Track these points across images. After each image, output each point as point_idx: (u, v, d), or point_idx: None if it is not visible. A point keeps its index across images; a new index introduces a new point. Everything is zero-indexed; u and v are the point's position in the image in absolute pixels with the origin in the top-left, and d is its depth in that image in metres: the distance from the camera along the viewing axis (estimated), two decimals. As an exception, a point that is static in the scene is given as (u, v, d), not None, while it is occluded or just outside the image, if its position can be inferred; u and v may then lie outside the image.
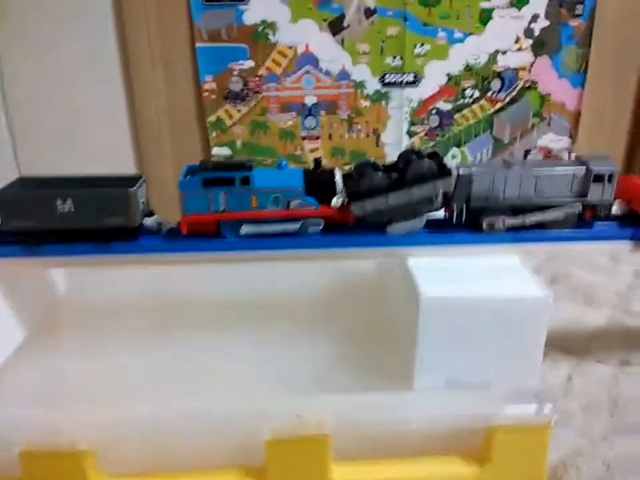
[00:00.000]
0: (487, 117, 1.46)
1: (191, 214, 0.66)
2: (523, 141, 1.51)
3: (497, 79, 1.43)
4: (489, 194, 0.68)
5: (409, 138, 1.42)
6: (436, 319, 0.54)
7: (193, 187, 0.65)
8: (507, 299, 0.54)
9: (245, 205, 0.66)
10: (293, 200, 0.66)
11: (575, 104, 1.50)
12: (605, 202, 0.71)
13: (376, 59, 1.33)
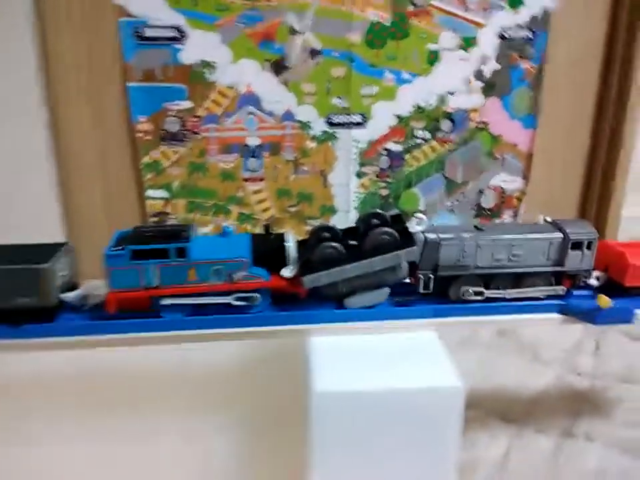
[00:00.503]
0: (438, 157, 1.42)
1: (119, 290, 0.59)
2: (476, 182, 1.48)
3: (447, 119, 1.40)
4: (459, 262, 0.63)
5: (358, 179, 1.38)
6: (330, 417, 0.47)
7: (121, 260, 0.58)
8: (411, 391, 0.48)
9: (181, 278, 0.59)
10: (237, 272, 0.60)
11: (527, 145, 1.48)
12: (584, 271, 0.67)
13: (322, 99, 1.29)
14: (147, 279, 0.59)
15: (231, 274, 0.60)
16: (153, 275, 0.59)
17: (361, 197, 1.40)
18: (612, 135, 1.51)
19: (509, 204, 1.54)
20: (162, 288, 0.60)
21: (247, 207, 1.33)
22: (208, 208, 1.31)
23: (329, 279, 0.60)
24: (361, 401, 0.47)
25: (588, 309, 0.60)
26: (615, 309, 0.60)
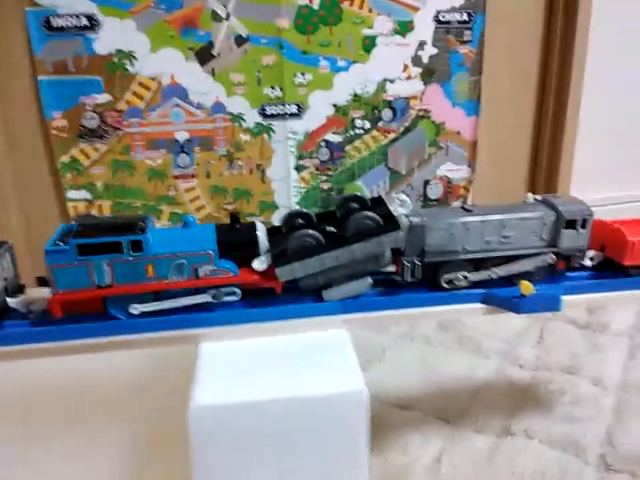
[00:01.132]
0: (380, 148, 1.37)
1: (66, 291, 0.51)
2: (421, 172, 1.43)
3: (387, 108, 1.35)
4: (447, 246, 0.57)
5: (297, 173, 1.32)
6: (211, 434, 0.40)
7: (66, 257, 0.50)
8: (306, 399, 0.42)
9: (138, 275, 0.52)
10: (202, 266, 0.53)
11: (471, 132, 1.44)
12: (579, 250, 0.62)
13: (253, 89, 1.22)
14: (98, 277, 0.52)
15: (196, 269, 0.53)
16: (105, 272, 0.52)
17: (302, 192, 1.34)
18: (555, 117, 1.49)
19: (456, 193, 1.50)
20: (116, 287, 0.52)
21: (179, 206, 1.26)
22: (136, 209, 1.22)
23: (305, 270, 0.53)
24: (246, 414, 0.40)
25: (511, 297, 0.55)
26: (539, 295, 0.55)
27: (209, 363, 0.46)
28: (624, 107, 1.53)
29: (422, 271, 0.57)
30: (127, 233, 0.51)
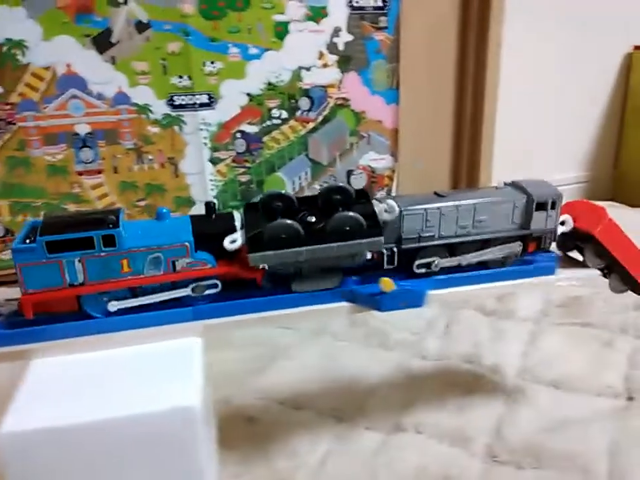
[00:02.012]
0: (299, 138, 1.34)
1: (37, 291, 0.49)
2: (343, 162, 1.41)
3: (304, 97, 1.31)
4: (423, 232, 0.57)
5: (212, 166, 1.27)
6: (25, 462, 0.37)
7: (34, 254, 0.48)
8: (127, 418, 0.38)
9: (112, 272, 0.50)
10: (179, 259, 0.51)
11: (392, 121, 1.43)
12: (549, 231, 0.63)
13: (159, 79, 1.17)
14: (70, 275, 0.50)
15: (173, 262, 0.51)
16: (77, 269, 0.50)
17: (220, 185, 1.30)
18: (475, 103, 1.49)
19: (380, 183, 1.49)
20: (89, 284, 0.50)
21: (86, 204, 1.19)
22: (38, 208, 1.15)
23: (279, 259, 0.51)
24: (61, 439, 0.36)
25: (371, 295, 0.54)
26: (402, 292, 0.54)
27: (34, 382, 0.42)
28: (542, 90, 1.55)
29: (399, 257, 0.57)
30: (98, 228, 0.50)
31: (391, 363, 0.83)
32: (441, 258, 0.58)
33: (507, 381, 0.79)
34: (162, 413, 0.39)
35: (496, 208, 0.60)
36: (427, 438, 0.67)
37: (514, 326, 0.93)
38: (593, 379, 0.78)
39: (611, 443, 0.66)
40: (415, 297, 0.55)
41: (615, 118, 1.65)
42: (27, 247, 0.49)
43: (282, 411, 0.72)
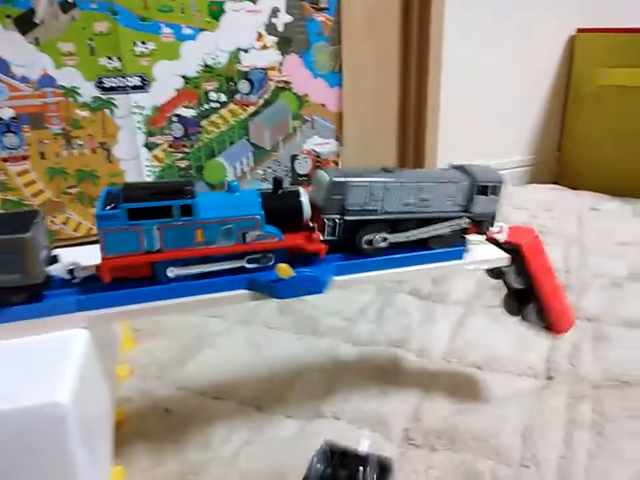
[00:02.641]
0: (240, 122, 1.31)
1: (115, 256, 0.50)
2: (287, 147, 1.39)
3: (243, 80, 1.28)
4: (367, 205, 0.57)
5: (148, 151, 1.23)
6: None
7: (116, 221, 0.50)
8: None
9: (187, 240, 0.52)
10: (250, 231, 0.53)
11: (336, 104, 1.41)
12: (489, 216, 0.64)
13: (86, 60, 1.12)
14: (148, 241, 0.51)
15: (244, 234, 0.53)
16: (155, 237, 0.51)
17: (157, 171, 1.26)
18: (419, 84, 1.48)
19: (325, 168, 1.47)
20: (165, 251, 0.52)
21: (13, 192, 1.14)
22: (-32, 197, 1.10)
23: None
24: None
25: (269, 281, 0.52)
26: (300, 278, 0.53)
27: None
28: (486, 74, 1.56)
29: (342, 229, 0.57)
30: (176, 197, 0.51)
31: (319, 349, 0.82)
32: (386, 234, 0.58)
33: (432, 364, 0.79)
34: (29, 409, 0.37)
35: (440, 188, 0.61)
36: (345, 424, 0.66)
37: (446, 309, 0.93)
38: (516, 360, 0.79)
39: (526, 422, 0.67)
40: (313, 283, 0.53)
41: (558, 101, 1.67)
42: (109, 214, 0.50)
43: (201, 401, 0.71)
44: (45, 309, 0.48)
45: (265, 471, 0.59)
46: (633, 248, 1.14)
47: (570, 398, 0.71)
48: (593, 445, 0.64)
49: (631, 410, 0.69)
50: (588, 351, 0.81)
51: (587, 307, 0.93)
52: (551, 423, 0.67)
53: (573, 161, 1.66)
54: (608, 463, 0.62)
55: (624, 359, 0.79)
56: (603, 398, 0.71)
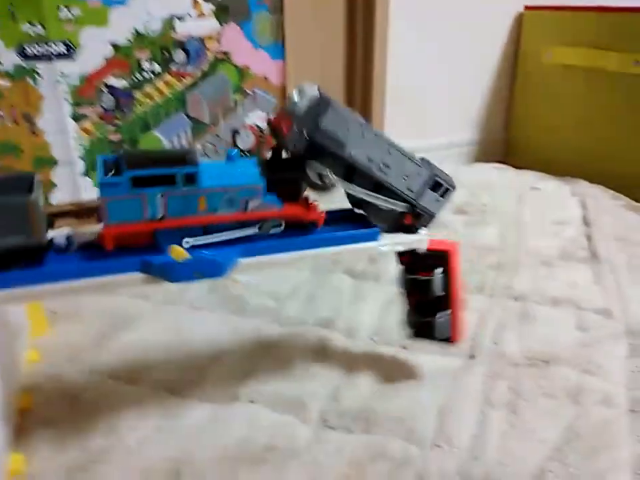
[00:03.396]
0: (176, 94, 1.25)
1: (117, 223, 0.50)
2: (227, 121, 1.34)
3: (179, 49, 1.22)
4: (339, 136, 0.55)
5: (76, 123, 1.17)
6: None
7: (119, 188, 0.49)
8: None
9: (190, 209, 0.52)
10: (251, 200, 0.54)
11: (279, 77, 1.37)
12: (428, 215, 0.64)
13: (6, 26, 1.04)
14: (151, 209, 0.51)
15: (246, 202, 0.54)
16: (158, 205, 0.51)
17: (86, 145, 1.20)
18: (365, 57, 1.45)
19: (269, 143, 1.43)
20: (168, 219, 0.52)
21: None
22: None
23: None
24: None
25: (163, 264, 0.50)
26: (196, 261, 0.50)
27: None
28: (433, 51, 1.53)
29: (304, 148, 0.54)
30: (180, 165, 0.51)
31: (244, 330, 0.80)
32: (335, 175, 0.57)
33: (359, 344, 0.78)
34: None
35: (404, 162, 0.61)
36: (261, 407, 0.65)
37: (379, 288, 0.92)
38: (441, 339, 0.79)
39: (443, 402, 0.67)
40: (211, 266, 0.51)
41: (506, 79, 1.66)
42: (112, 181, 0.49)
43: (113, 387, 0.68)
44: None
45: (170, 458, 0.57)
46: (567, 227, 1.16)
47: (488, 377, 0.71)
48: (506, 424, 0.64)
49: (547, 389, 0.70)
50: (512, 330, 0.82)
51: (516, 286, 0.93)
52: (467, 403, 0.67)
53: (519, 139, 1.67)
54: (519, 442, 0.62)
55: (546, 338, 0.80)
56: (520, 377, 0.71)
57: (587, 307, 0.87)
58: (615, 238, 1.11)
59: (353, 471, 0.56)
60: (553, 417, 0.66)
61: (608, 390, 0.70)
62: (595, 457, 0.60)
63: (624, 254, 1.04)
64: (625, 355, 0.76)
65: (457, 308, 0.67)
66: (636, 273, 0.98)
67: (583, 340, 0.80)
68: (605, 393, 0.69)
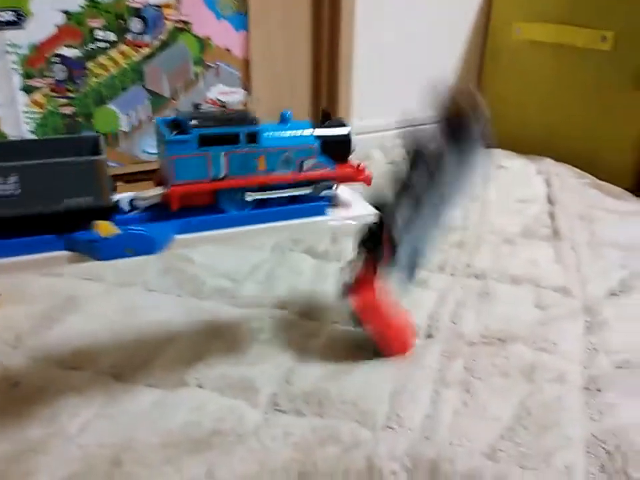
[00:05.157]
0: (133, 65, 1.20)
1: (184, 182, 0.51)
2: (188, 94, 1.29)
3: (135, 17, 1.17)
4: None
5: (26, 94, 1.11)
6: None
7: (187, 147, 0.50)
8: None
9: (250, 168, 0.53)
10: (306, 160, 0.56)
11: (242, 49, 1.32)
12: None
13: (-57, -12, 0.97)
14: (215, 168, 0.52)
15: (302, 162, 0.56)
16: (221, 164, 0.52)
17: (37, 118, 1.14)
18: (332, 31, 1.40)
19: (233, 118, 1.39)
20: (229, 179, 0.53)
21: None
22: None
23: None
24: None
25: (89, 241, 0.47)
26: (126, 237, 0.48)
27: None
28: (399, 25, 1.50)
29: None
30: (242, 124, 0.51)
31: (199, 312, 0.78)
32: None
33: (315, 325, 0.76)
34: None
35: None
36: (209, 392, 0.63)
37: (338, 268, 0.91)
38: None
39: (397, 383, 0.66)
40: (143, 242, 0.48)
41: (476, 56, 1.64)
42: (181, 139, 0.49)
43: (56, 372, 0.65)
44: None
45: (111, 445, 0.55)
46: (531, 205, 1.15)
47: (444, 356, 0.71)
48: (459, 404, 0.64)
49: (502, 367, 0.69)
50: (471, 309, 0.81)
51: (477, 264, 0.93)
52: (421, 383, 0.66)
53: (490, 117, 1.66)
54: (472, 421, 0.62)
55: (504, 316, 0.79)
56: (476, 356, 0.71)
57: (546, 285, 0.87)
58: (578, 216, 1.11)
59: (301, 455, 0.55)
60: (506, 395, 0.65)
61: (562, 368, 0.70)
62: (545, 435, 0.60)
63: (586, 232, 1.05)
64: (581, 332, 0.77)
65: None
66: (596, 250, 0.98)
67: (541, 318, 0.79)
68: (559, 370, 0.69)
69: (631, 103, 1.29)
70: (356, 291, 0.64)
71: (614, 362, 0.71)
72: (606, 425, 0.62)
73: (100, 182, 0.48)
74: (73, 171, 0.47)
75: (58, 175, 0.46)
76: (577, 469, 0.57)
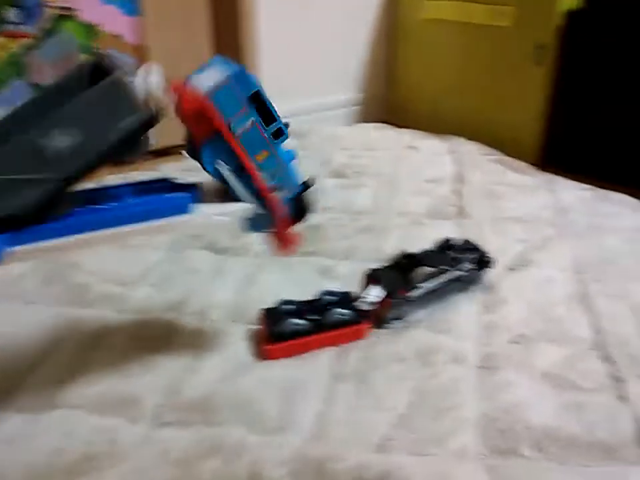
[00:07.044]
0: (13, 57, 1.10)
1: None
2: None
3: (11, 7, 1.07)
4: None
5: None
6: None
7: None
8: None
9: None
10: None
11: (135, 35, 1.24)
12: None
13: None
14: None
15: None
16: None
17: None
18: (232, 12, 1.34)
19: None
20: None
21: None
22: None
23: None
24: None
25: None
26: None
27: None
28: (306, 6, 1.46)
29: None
30: None
31: (81, 324, 0.72)
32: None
33: (209, 326, 0.72)
34: None
35: None
36: (83, 412, 0.58)
37: (240, 263, 0.87)
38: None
39: (290, 382, 0.63)
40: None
41: (385, 36, 1.62)
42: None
43: None
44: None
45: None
46: (439, 185, 1.15)
47: (340, 348, 0.68)
48: (354, 396, 0.62)
49: (399, 353, 0.68)
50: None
51: (385, 248, 0.91)
52: (315, 379, 0.64)
53: (401, 98, 1.65)
54: (367, 413, 0.60)
55: (405, 301, 0.78)
56: (373, 345, 0.69)
57: (448, 265, 0.87)
58: (484, 193, 1.12)
59: (180, 471, 0.51)
60: (403, 381, 0.64)
61: (458, 348, 0.69)
62: (439, 420, 0.59)
63: (490, 208, 1.06)
64: (476, 310, 0.76)
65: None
66: (499, 226, 0.99)
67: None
68: (455, 351, 0.69)
69: (532, 78, 1.31)
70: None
71: (510, 338, 0.71)
72: (500, 403, 0.62)
73: (131, 97, 0.47)
74: (101, 98, 0.46)
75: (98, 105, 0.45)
76: (468, 451, 0.56)
